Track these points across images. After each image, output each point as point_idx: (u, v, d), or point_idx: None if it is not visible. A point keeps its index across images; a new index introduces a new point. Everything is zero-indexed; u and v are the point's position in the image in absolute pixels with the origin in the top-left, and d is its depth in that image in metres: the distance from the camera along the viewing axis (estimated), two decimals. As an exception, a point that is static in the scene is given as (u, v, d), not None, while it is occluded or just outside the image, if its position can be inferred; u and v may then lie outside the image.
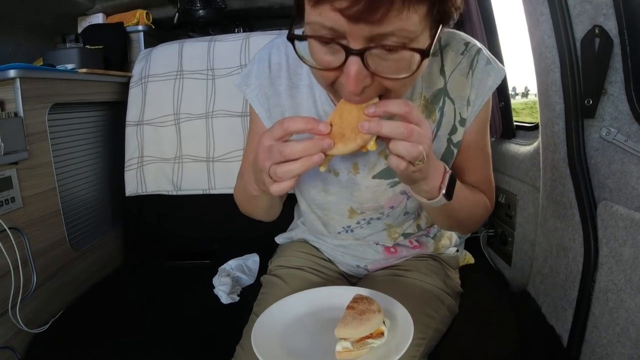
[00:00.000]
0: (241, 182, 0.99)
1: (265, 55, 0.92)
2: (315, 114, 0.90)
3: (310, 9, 0.57)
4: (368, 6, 0.51)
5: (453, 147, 0.91)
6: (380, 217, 0.98)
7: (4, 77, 1.33)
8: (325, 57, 0.62)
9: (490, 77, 0.86)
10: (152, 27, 2.15)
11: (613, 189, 0.94)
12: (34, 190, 1.40)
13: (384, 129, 0.61)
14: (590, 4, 0.95)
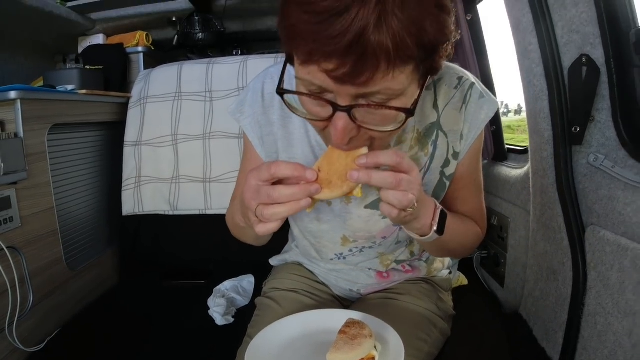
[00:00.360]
0: (232, 208, 1.00)
1: (259, 85, 0.94)
2: (307, 143, 0.91)
3: (300, 66, 0.59)
4: (354, 69, 0.53)
5: (445, 179, 0.92)
6: (372, 246, 1.00)
7: (5, 98, 1.35)
8: (315, 108, 0.64)
9: (483, 111, 0.87)
10: (151, 48, 2.19)
11: (601, 214, 0.96)
12: (32, 210, 1.41)
13: (374, 179, 0.63)
14: (578, 33, 0.98)
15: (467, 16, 1.55)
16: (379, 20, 0.50)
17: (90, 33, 2.24)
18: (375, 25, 0.50)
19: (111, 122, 1.88)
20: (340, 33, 0.50)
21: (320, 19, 0.51)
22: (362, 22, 0.50)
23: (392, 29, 0.51)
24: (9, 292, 1.26)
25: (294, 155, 0.92)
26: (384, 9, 0.50)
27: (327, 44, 0.51)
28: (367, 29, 0.50)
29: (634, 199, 0.87)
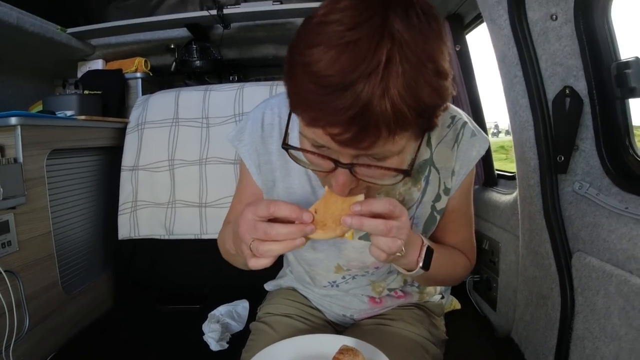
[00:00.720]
0: (224, 233, 1.00)
1: (259, 115, 0.96)
2: (304, 174, 0.93)
3: (304, 126, 0.62)
4: (356, 136, 0.56)
5: (436, 213, 0.95)
6: (365, 275, 1.02)
7: (5, 123, 1.38)
8: (318, 161, 0.67)
9: (474, 149, 0.91)
10: (149, 74, 2.24)
11: (586, 241, 0.99)
12: (30, 234, 1.43)
13: (365, 226, 0.65)
14: (561, 66, 1.03)
15: (456, 47, 1.61)
16: (382, 95, 0.53)
17: (89, 58, 2.29)
18: (379, 99, 0.53)
19: (109, 147, 1.91)
20: (345, 106, 0.53)
21: (327, 92, 0.54)
22: (366, 97, 0.53)
23: (393, 103, 0.54)
24: (7, 316, 1.27)
25: (291, 185, 0.94)
26: (387, 85, 0.53)
27: (333, 114, 0.55)
28: (371, 102, 0.53)
29: (617, 226, 0.90)
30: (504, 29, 1.04)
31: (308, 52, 0.56)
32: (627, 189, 0.94)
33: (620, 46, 0.97)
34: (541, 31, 1.02)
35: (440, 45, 0.59)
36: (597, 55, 0.98)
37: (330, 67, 0.54)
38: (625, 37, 0.98)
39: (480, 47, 1.58)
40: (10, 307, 1.29)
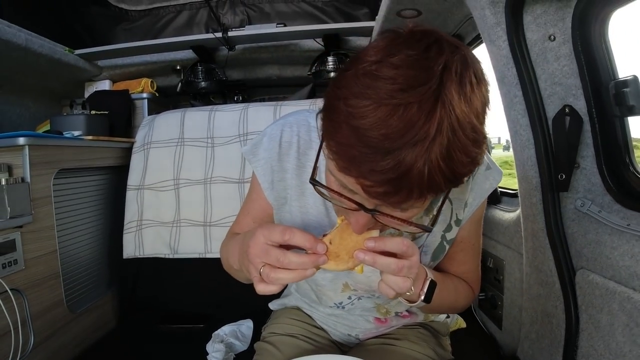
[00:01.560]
0: (228, 246, 0.99)
1: (277, 132, 0.95)
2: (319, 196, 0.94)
3: (336, 169, 0.60)
4: (388, 193, 0.55)
5: (446, 243, 0.95)
6: (370, 297, 1.02)
7: (14, 143, 1.40)
8: (342, 199, 0.64)
9: (488, 181, 0.93)
10: (155, 94, 2.27)
11: (589, 258, 1.00)
12: (36, 253, 1.44)
13: (378, 264, 0.66)
14: (560, 85, 1.04)
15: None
16: (424, 164, 0.52)
17: (96, 79, 2.33)
18: (420, 168, 0.52)
19: (115, 167, 1.93)
20: (385, 169, 0.52)
21: (369, 152, 0.53)
22: (408, 164, 0.52)
23: (430, 172, 0.53)
24: (12, 334, 1.28)
25: (305, 204, 0.94)
26: (429, 157, 0.52)
27: (370, 173, 0.54)
28: (412, 170, 0.52)
29: (620, 243, 0.91)
30: (503, 49, 1.06)
31: (354, 103, 0.54)
32: (629, 206, 0.95)
33: (618, 64, 0.99)
34: (540, 51, 1.04)
35: (484, 110, 0.59)
36: (596, 75, 1.00)
37: (376, 128, 0.52)
38: (623, 55, 1.00)
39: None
40: (16, 325, 1.29)
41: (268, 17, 2.36)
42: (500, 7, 1.04)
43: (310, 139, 0.93)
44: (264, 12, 2.36)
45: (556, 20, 1.01)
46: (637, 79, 0.90)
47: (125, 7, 2.42)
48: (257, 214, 1.02)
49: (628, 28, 1.04)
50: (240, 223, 1.07)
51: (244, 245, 0.74)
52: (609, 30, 0.98)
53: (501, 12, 1.04)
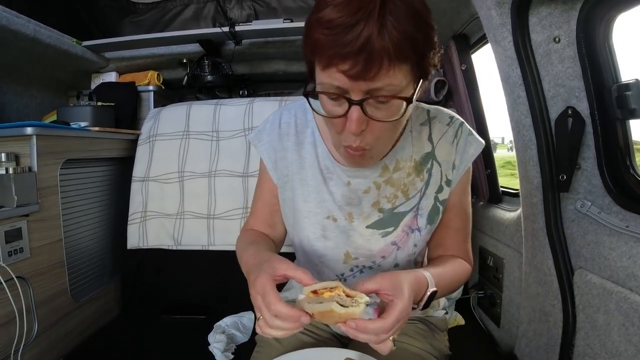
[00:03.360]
0: (242, 245, 1.02)
1: (277, 116, 1.06)
2: (317, 167, 1.00)
3: (320, 72, 0.73)
4: (364, 68, 0.67)
5: (439, 204, 1.00)
6: (372, 266, 1.04)
7: (21, 133, 1.42)
8: (334, 108, 0.77)
9: (472, 147, 0.98)
10: (162, 87, 2.29)
11: (588, 258, 1.01)
12: (42, 241, 1.46)
13: (359, 338, 0.74)
14: (564, 87, 1.05)
15: (462, 66, 1.64)
16: (379, 31, 0.66)
17: (103, 70, 2.34)
18: (377, 35, 0.65)
19: (120, 158, 1.95)
20: (352, 40, 0.66)
21: (337, 32, 0.67)
22: (367, 33, 0.65)
23: (390, 36, 0.66)
24: (17, 320, 1.30)
25: (305, 176, 1.01)
26: (382, 23, 0.66)
27: (343, 48, 0.66)
28: (371, 37, 0.65)
29: (618, 244, 0.92)
30: (508, 50, 1.07)
31: (320, 10, 0.70)
32: (628, 208, 0.97)
33: (622, 67, 1.00)
34: (544, 53, 1.05)
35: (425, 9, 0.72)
36: (599, 77, 1.01)
37: (336, 14, 0.67)
38: (627, 58, 1.01)
39: (488, 64, 1.61)
40: (21, 312, 1.31)
41: (275, 12, 2.37)
42: (506, 8, 1.05)
43: (306, 119, 1.03)
44: (270, 7, 2.37)
45: (561, 23, 1.02)
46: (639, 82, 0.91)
47: (133, 0, 2.44)
48: (266, 197, 1.09)
49: (632, 31, 1.05)
50: (254, 209, 1.14)
51: (249, 279, 0.83)
52: (613, 34, 0.99)
53: (507, 12, 1.06)
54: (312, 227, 1.02)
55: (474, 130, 1.00)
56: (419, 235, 0.99)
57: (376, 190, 0.97)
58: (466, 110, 1.66)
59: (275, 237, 1.10)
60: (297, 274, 0.77)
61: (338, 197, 0.99)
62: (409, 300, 0.76)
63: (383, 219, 0.98)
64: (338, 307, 0.71)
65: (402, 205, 0.98)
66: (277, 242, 1.10)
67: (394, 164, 0.97)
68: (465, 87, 1.64)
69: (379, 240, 0.99)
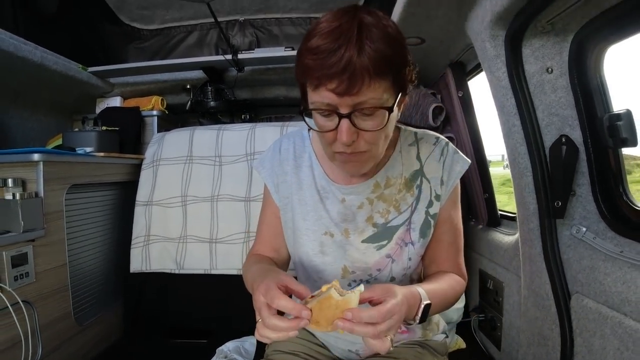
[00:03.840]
0: (249, 269, 1.05)
1: (277, 145, 1.14)
2: (314, 186, 1.07)
3: (312, 92, 0.83)
4: (348, 84, 0.77)
5: (430, 218, 1.04)
6: (369, 280, 1.06)
7: (28, 159, 1.46)
8: (326, 123, 0.85)
9: (458, 164, 1.04)
10: (165, 112, 2.33)
11: (584, 283, 1.03)
12: (47, 266, 1.49)
13: (356, 332, 0.75)
14: (557, 116, 1.09)
15: (459, 93, 1.68)
16: (359, 53, 0.76)
17: (108, 95, 2.39)
18: (357, 56, 0.76)
19: (124, 182, 1.98)
20: (336, 62, 0.76)
21: (323, 56, 0.77)
22: (348, 54, 0.75)
23: (369, 57, 0.76)
24: (22, 344, 1.31)
25: (304, 196, 1.07)
26: (361, 46, 0.76)
27: (329, 69, 0.77)
28: (352, 58, 0.75)
29: (613, 269, 0.94)
30: (503, 80, 1.11)
31: (308, 39, 0.81)
32: (622, 234, 0.99)
33: (614, 95, 1.03)
34: (537, 83, 1.08)
35: (398, 33, 0.83)
36: (591, 107, 1.04)
37: (322, 41, 0.78)
38: (619, 87, 1.05)
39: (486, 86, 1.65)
40: (26, 335, 1.33)
41: (276, 39, 2.43)
42: (500, 40, 1.09)
43: (304, 145, 1.12)
44: (272, 34, 2.43)
45: (553, 54, 1.06)
46: (631, 113, 0.94)
47: (138, 26, 2.50)
48: (271, 220, 1.14)
49: (625, 62, 1.09)
50: (259, 233, 1.18)
51: (253, 287, 0.86)
52: (604, 65, 1.02)
53: (501, 45, 1.10)
54: (310, 243, 1.06)
55: (472, 154, 1.04)
56: (412, 248, 1.03)
57: (369, 205, 1.03)
58: (463, 136, 1.70)
59: (280, 261, 1.13)
60: (299, 288, 0.81)
61: (334, 214, 1.04)
62: (401, 301, 0.79)
63: (377, 233, 1.03)
64: (336, 294, 0.75)
65: (395, 220, 1.03)
66: (281, 265, 1.13)
67: (385, 181, 1.03)
68: (462, 113, 1.68)
69: (374, 254, 1.03)
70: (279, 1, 2.29)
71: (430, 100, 1.78)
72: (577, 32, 1.02)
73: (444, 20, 1.30)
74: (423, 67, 1.78)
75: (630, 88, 1.10)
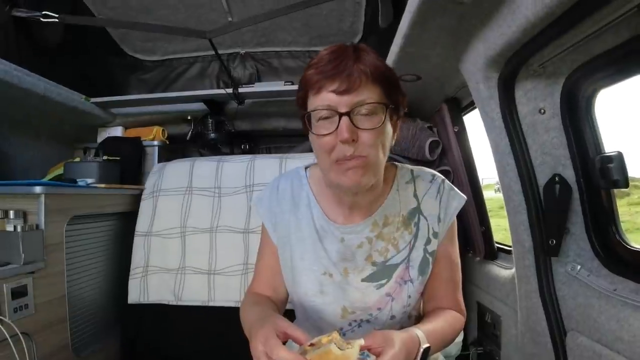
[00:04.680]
0: (247, 311, 1.06)
1: (275, 184, 1.18)
2: (312, 226, 1.08)
3: (313, 98, 0.92)
4: (348, 84, 0.87)
5: (429, 255, 1.06)
6: (369, 319, 1.07)
7: (30, 191, 1.47)
8: (326, 125, 0.91)
9: (455, 201, 1.08)
10: (166, 142, 2.36)
11: (579, 321, 1.04)
12: (46, 297, 1.49)
13: None
14: (550, 156, 1.12)
15: (455, 128, 1.72)
16: (356, 62, 0.89)
17: (110, 125, 2.42)
18: (354, 64, 0.88)
19: (124, 212, 1.99)
20: (336, 66, 0.88)
21: (324, 65, 0.90)
22: (346, 62, 0.88)
23: (365, 65, 0.89)
24: (22, 377, 1.31)
25: (302, 236, 1.09)
26: (359, 58, 0.90)
27: (330, 72, 0.88)
28: (351, 64, 0.88)
29: (607, 307, 0.96)
30: (496, 120, 1.14)
31: (309, 66, 0.93)
32: (616, 271, 1.01)
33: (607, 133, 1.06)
34: (530, 123, 1.11)
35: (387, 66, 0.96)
36: (583, 147, 1.07)
37: (323, 62, 0.90)
38: (611, 126, 1.08)
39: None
40: (24, 368, 1.33)
41: (276, 71, 2.48)
42: (493, 82, 1.13)
43: (301, 184, 1.14)
44: (272, 67, 2.48)
45: (545, 95, 1.10)
46: (622, 155, 0.97)
47: (141, 57, 2.56)
48: (269, 259, 1.16)
49: (614, 104, 1.12)
50: (257, 272, 1.20)
51: (251, 333, 0.87)
52: (595, 108, 1.06)
53: (494, 86, 1.13)
54: (309, 283, 1.07)
55: (469, 187, 1.07)
56: (412, 286, 1.04)
57: (368, 244, 1.05)
58: (459, 169, 1.73)
59: (278, 300, 1.14)
60: (297, 333, 0.82)
61: (333, 254, 1.05)
62: (399, 350, 0.81)
63: (376, 272, 1.04)
64: (336, 349, 0.76)
65: (394, 258, 1.05)
66: (279, 304, 1.14)
67: (383, 219, 1.05)
68: (458, 147, 1.72)
69: (374, 292, 1.04)
70: (279, 35, 2.35)
71: (427, 135, 1.82)
72: (568, 75, 1.05)
73: (440, 60, 1.34)
74: (420, 101, 1.82)
75: (623, 128, 1.13)
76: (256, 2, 2.07)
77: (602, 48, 0.93)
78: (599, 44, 0.92)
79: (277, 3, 2.04)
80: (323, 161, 0.96)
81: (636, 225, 3.83)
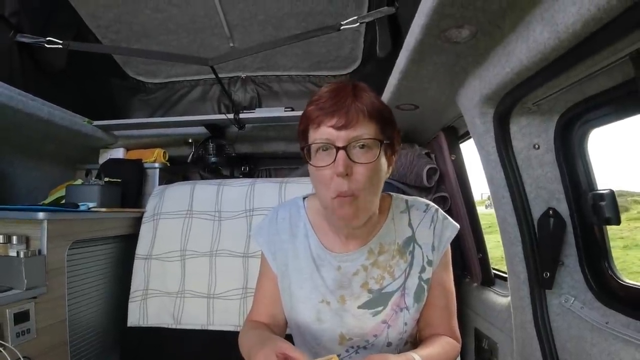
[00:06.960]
0: (246, 337, 1.08)
1: (274, 214, 1.22)
2: (309, 255, 1.12)
3: (313, 132, 0.97)
4: (346, 120, 0.93)
5: (424, 283, 1.09)
6: (366, 346, 1.09)
7: (33, 217, 1.50)
8: (324, 158, 0.96)
9: (448, 230, 1.12)
10: (167, 164, 2.39)
11: (572, 353, 1.06)
12: (47, 322, 1.50)
13: None
14: (544, 189, 1.15)
15: (452, 156, 1.75)
16: (354, 100, 0.95)
17: (111, 147, 2.44)
18: (352, 101, 0.94)
19: (125, 235, 2.01)
20: (335, 103, 0.94)
21: (324, 102, 0.95)
22: (345, 99, 0.94)
23: (362, 102, 0.95)
24: (23, 403, 1.32)
25: (300, 264, 1.13)
26: (357, 96, 0.96)
27: (329, 109, 0.94)
28: (349, 101, 0.94)
29: (599, 340, 0.98)
30: (492, 154, 1.17)
31: (310, 102, 0.99)
32: (608, 305, 1.03)
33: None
34: (525, 158, 1.14)
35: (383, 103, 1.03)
36: (576, 182, 1.10)
37: (323, 99, 0.96)
38: (602, 163, 1.11)
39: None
40: (25, 393, 1.33)
41: (276, 95, 2.53)
42: (488, 117, 1.16)
43: (299, 214, 1.18)
44: (272, 91, 2.53)
45: (540, 132, 1.13)
46: (613, 193, 0.99)
47: (143, 80, 2.60)
48: (268, 287, 1.19)
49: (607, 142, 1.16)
50: (255, 301, 1.22)
51: (251, 354, 0.90)
52: (589, 145, 1.09)
53: (490, 121, 1.16)
54: (307, 311, 1.10)
55: (466, 214, 1.10)
56: (407, 313, 1.07)
57: (364, 272, 1.08)
58: (457, 195, 1.76)
59: (277, 327, 1.16)
60: (296, 355, 0.84)
61: (329, 282, 1.08)
62: None
63: (372, 299, 1.07)
64: None
65: (389, 286, 1.08)
66: (278, 331, 1.16)
67: (379, 247, 1.09)
68: (455, 175, 1.75)
69: (370, 320, 1.07)
70: (279, 60, 2.39)
71: (425, 162, 1.85)
72: (561, 113, 1.09)
73: (436, 93, 1.38)
74: (417, 128, 1.86)
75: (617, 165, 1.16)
76: (257, 29, 2.12)
77: (596, 89, 0.97)
78: (593, 85, 0.95)
79: (278, 30, 2.11)
80: (322, 195, 1.00)
81: (635, 242, 3.68)
